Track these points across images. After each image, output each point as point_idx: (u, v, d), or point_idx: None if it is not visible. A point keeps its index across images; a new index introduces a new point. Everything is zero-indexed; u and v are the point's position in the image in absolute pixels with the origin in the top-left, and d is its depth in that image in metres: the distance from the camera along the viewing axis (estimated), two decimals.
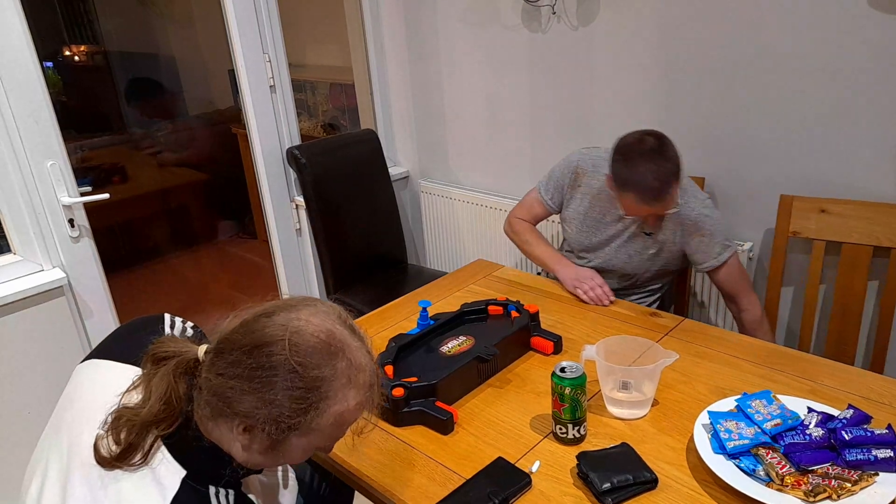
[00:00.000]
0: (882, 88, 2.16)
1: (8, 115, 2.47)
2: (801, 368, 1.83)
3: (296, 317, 1.13)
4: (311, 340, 1.11)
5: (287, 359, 1.08)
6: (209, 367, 1.12)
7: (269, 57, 3.29)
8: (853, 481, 1.34)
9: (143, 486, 1.08)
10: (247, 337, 1.11)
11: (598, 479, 1.42)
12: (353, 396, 1.15)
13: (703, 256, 2.30)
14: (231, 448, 1.16)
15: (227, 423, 1.12)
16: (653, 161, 2.08)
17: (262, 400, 1.08)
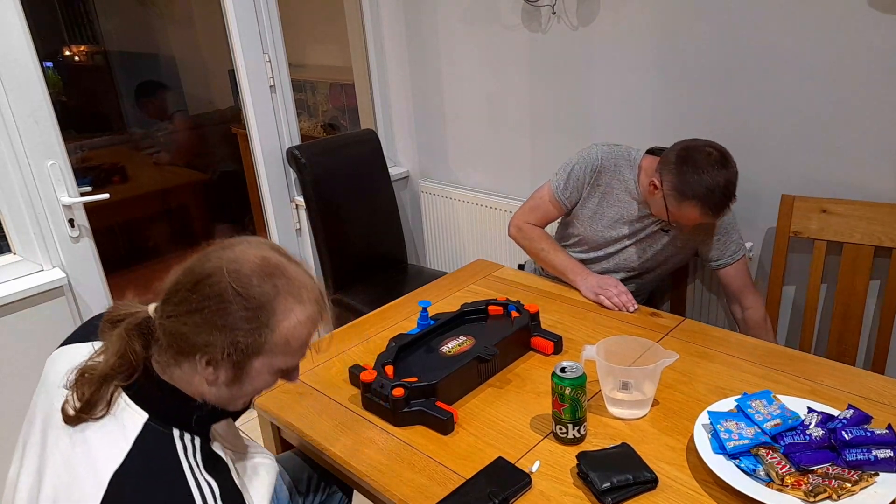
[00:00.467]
0: (883, 88, 2.16)
1: (8, 115, 2.47)
2: (801, 368, 1.83)
3: (230, 251, 1.20)
4: (248, 265, 1.18)
5: (228, 284, 1.15)
6: (160, 315, 1.18)
7: (269, 57, 3.30)
8: (853, 481, 1.34)
9: (107, 433, 1.14)
10: (188, 277, 1.17)
11: (598, 479, 1.42)
12: (301, 311, 1.21)
13: (719, 254, 2.35)
14: (200, 389, 1.22)
15: (190, 362, 1.18)
16: (721, 174, 2.05)
17: (216, 327, 1.14)
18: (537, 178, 3.23)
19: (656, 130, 2.74)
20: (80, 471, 1.12)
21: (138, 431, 1.14)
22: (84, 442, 1.14)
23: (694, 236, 2.34)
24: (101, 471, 1.10)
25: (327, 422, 1.74)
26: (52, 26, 3.98)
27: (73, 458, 1.13)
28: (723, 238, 2.32)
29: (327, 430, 1.71)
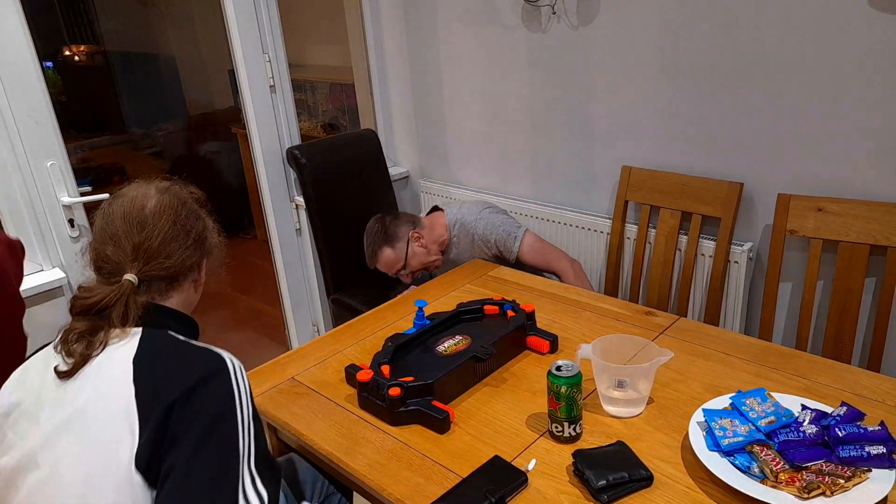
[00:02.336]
0: (881, 88, 2.16)
1: (8, 115, 2.48)
2: (794, 366, 1.83)
3: (155, 186, 1.42)
4: (176, 191, 1.44)
5: (192, 201, 1.45)
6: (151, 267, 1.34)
7: (269, 57, 3.30)
8: (846, 478, 1.34)
9: (113, 349, 1.26)
10: (160, 217, 1.36)
11: (594, 477, 1.42)
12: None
13: (507, 253, 2.85)
14: (192, 300, 1.47)
15: (189, 279, 1.42)
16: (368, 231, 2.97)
17: (202, 237, 1.43)
18: (537, 178, 3.24)
19: (656, 130, 2.74)
20: (102, 373, 1.24)
21: (140, 334, 1.29)
22: (98, 361, 1.25)
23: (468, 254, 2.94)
24: (121, 364, 1.23)
25: (324, 422, 1.75)
26: (52, 26, 3.98)
27: (95, 368, 1.25)
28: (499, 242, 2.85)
29: (324, 430, 1.71)
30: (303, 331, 3.85)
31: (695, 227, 2.65)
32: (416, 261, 2.91)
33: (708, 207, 2.60)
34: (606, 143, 2.92)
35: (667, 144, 2.73)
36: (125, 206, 1.36)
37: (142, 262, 1.33)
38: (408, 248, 2.89)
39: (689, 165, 2.68)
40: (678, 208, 2.68)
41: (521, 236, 2.85)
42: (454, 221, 2.96)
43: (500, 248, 2.86)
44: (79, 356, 1.24)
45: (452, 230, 2.95)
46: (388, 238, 2.89)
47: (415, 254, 2.90)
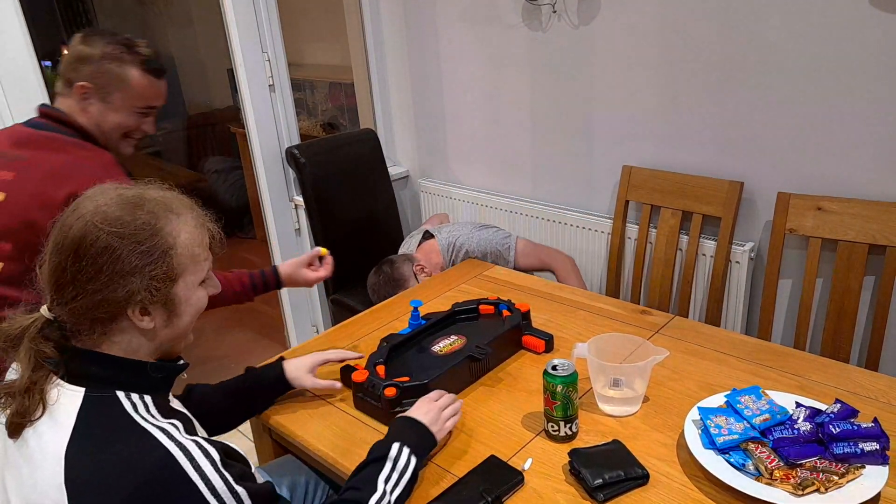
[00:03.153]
0: (881, 87, 2.16)
1: (6, 115, 2.48)
2: (789, 364, 1.84)
3: (82, 209, 1.17)
4: (111, 209, 1.16)
5: (106, 234, 1.13)
6: (59, 305, 1.16)
7: (269, 56, 3.31)
8: (840, 474, 1.35)
9: (52, 422, 1.13)
10: (63, 254, 1.14)
11: (590, 476, 1.42)
12: (186, 221, 1.24)
13: (504, 264, 2.88)
14: (141, 345, 1.23)
15: (121, 323, 1.18)
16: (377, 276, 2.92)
17: (126, 275, 1.15)
18: (538, 178, 3.24)
19: (656, 129, 2.74)
20: (37, 462, 1.11)
21: (79, 405, 1.13)
22: (35, 437, 1.13)
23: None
24: (55, 452, 1.09)
25: (319, 423, 1.75)
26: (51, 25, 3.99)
27: (29, 456, 1.13)
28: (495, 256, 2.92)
29: (319, 431, 1.72)
30: (302, 331, 3.86)
31: (695, 226, 2.65)
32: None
33: (709, 207, 2.60)
34: (607, 143, 2.91)
35: (667, 143, 2.73)
36: (63, 215, 1.19)
37: (52, 296, 1.18)
38: (418, 281, 2.85)
39: (690, 165, 2.68)
40: (679, 208, 2.68)
41: (513, 245, 2.94)
42: (447, 245, 2.99)
43: (496, 260, 2.90)
44: (10, 425, 1.14)
45: (447, 253, 2.98)
46: (397, 283, 2.85)
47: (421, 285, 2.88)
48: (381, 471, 1.40)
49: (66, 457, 1.08)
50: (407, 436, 1.49)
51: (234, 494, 1.12)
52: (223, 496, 1.10)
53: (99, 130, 1.90)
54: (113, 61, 1.83)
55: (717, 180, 2.57)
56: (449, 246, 2.97)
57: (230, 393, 1.75)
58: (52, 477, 1.07)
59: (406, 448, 1.45)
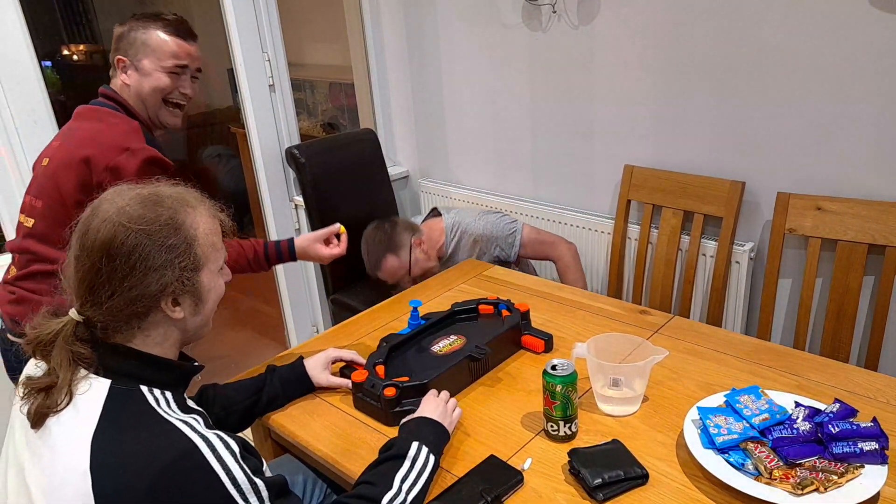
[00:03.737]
0: (880, 87, 2.16)
1: (6, 115, 2.48)
2: (788, 364, 1.84)
3: (104, 212, 1.21)
4: (134, 209, 1.21)
5: (135, 233, 1.19)
6: (91, 307, 1.20)
7: (269, 56, 3.31)
8: (839, 474, 1.35)
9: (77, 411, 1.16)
10: (93, 257, 1.18)
11: (590, 475, 1.42)
12: (201, 213, 1.30)
13: (509, 249, 2.88)
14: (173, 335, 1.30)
15: (156, 315, 1.24)
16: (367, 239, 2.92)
17: (157, 269, 1.20)
18: (538, 178, 3.24)
19: (657, 129, 2.74)
20: (61, 450, 1.13)
21: (105, 396, 1.17)
22: (58, 425, 1.15)
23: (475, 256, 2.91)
24: (81, 439, 1.11)
25: (318, 423, 1.75)
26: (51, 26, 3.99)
27: (52, 444, 1.14)
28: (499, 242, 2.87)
29: (318, 431, 1.72)
30: (302, 331, 3.86)
31: (697, 226, 2.65)
32: (419, 267, 2.89)
33: (710, 207, 2.60)
34: (608, 143, 2.92)
35: (668, 143, 2.73)
36: (83, 221, 1.23)
37: (83, 299, 1.21)
38: (411, 255, 2.86)
39: (691, 164, 2.68)
40: (680, 208, 2.68)
41: (519, 230, 2.88)
42: (452, 225, 2.94)
43: (501, 245, 2.87)
44: (34, 415, 1.16)
45: (450, 234, 2.93)
46: (392, 246, 2.85)
47: (417, 260, 2.88)
48: (398, 469, 1.41)
49: (92, 444, 1.10)
50: (425, 435, 1.51)
51: (254, 485, 1.15)
52: (243, 487, 1.13)
53: (141, 102, 2.01)
54: (138, 30, 1.95)
55: (718, 180, 2.58)
56: (454, 226, 2.94)
57: (255, 391, 1.79)
58: (77, 463, 1.09)
59: (425, 448, 1.46)
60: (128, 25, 1.97)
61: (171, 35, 1.98)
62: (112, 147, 1.82)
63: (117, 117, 1.96)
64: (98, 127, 1.92)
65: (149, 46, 1.96)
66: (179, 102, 2.09)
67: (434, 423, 1.56)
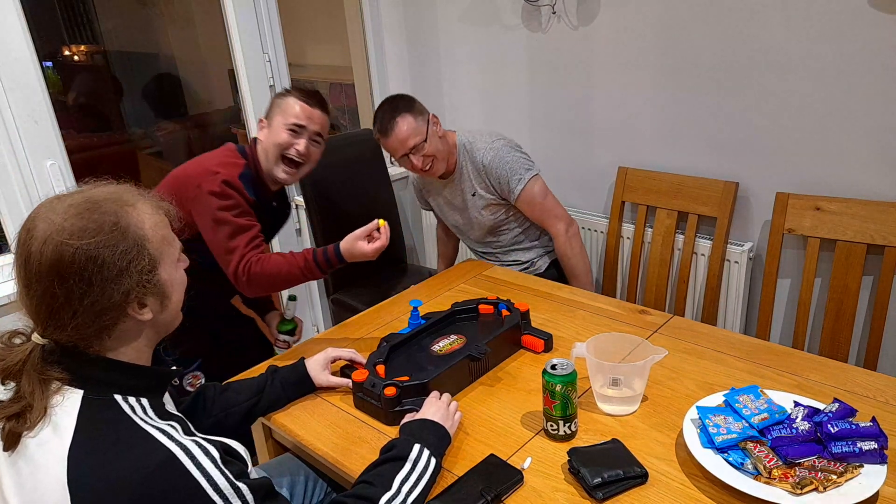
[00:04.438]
0: (878, 87, 2.17)
1: (7, 115, 2.48)
2: (787, 364, 1.84)
3: (39, 231, 1.14)
4: (71, 222, 1.14)
5: (78, 249, 1.12)
6: (58, 331, 1.16)
7: (269, 57, 3.31)
8: (839, 473, 1.35)
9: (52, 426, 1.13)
10: (45, 281, 1.13)
11: (590, 475, 1.43)
12: (143, 209, 1.25)
13: (506, 195, 2.67)
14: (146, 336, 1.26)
15: (125, 322, 1.20)
16: (379, 107, 2.60)
17: (114, 280, 1.15)
18: None
19: (652, 130, 2.75)
20: (38, 463, 1.11)
21: (78, 408, 1.14)
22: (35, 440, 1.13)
23: (478, 188, 2.71)
24: (57, 453, 1.09)
25: (319, 422, 1.75)
26: (52, 26, 3.99)
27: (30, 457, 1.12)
28: (502, 177, 2.63)
29: (319, 431, 1.72)
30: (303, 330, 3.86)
31: (691, 226, 2.65)
32: (433, 146, 2.58)
33: (704, 207, 2.61)
34: (603, 144, 2.92)
35: (663, 145, 2.74)
36: (21, 246, 1.16)
37: (45, 324, 1.17)
38: (428, 126, 2.58)
39: (685, 166, 2.68)
40: (674, 208, 2.69)
41: (526, 180, 2.62)
42: (463, 144, 2.71)
43: (500, 186, 2.66)
44: (6, 438, 1.13)
45: (462, 155, 2.71)
46: (410, 107, 2.57)
47: (433, 135, 2.59)
48: (399, 471, 1.41)
49: (68, 458, 1.08)
50: (427, 437, 1.51)
51: (237, 490, 1.13)
52: (226, 492, 1.11)
53: (265, 156, 2.26)
54: (281, 96, 2.26)
55: (711, 181, 2.59)
56: (464, 145, 2.71)
57: (255, 392, 1.79)
58: (54, 477, 1.07)
59: (426, 450, 1.47)
60: (277, 95, 2.28)
61: (299, 99, 2.22)
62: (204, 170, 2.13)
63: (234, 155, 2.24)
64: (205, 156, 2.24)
65: (280, 107, 2.23)
66: (294, 160, 2.25)
67: (436, 426, 1.56)
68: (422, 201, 3.06)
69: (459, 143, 2.71)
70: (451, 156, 2.70)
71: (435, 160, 2.61)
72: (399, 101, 2.57)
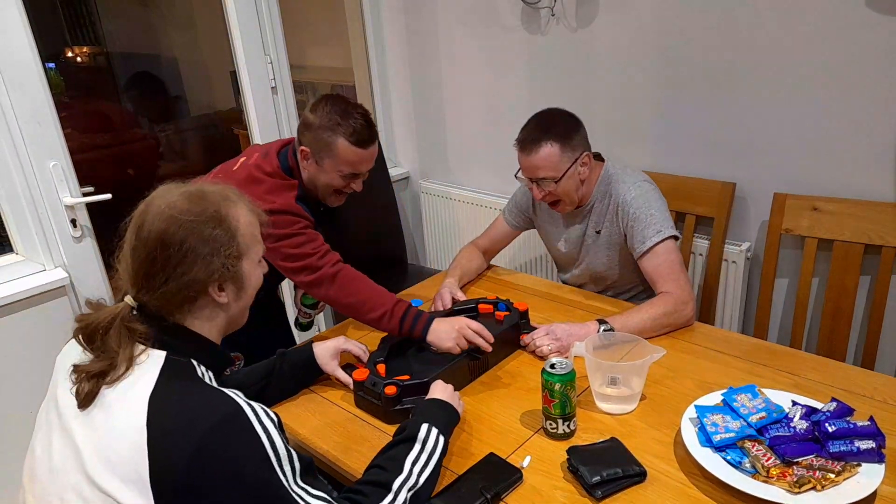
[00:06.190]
0: (875, 88, 2.17)
1: (10, 116, 2.48)
2: (785, 363, 1.85)
3: (155, 207, 1.31)
4: (180, 203, 1.31)
5: (183, 224, 1.28)
6: (149, 293, 1.29)
7: (271, 58, 3.31)
8: (836, 472, 1.35)
9: (135, 377, 1.23)
10: (147, 248, 1.28)
11: (588, 473, 1.43)
12: (241, 208, 1.40)
13: (633, 242, 2.25)
14: (218, 318, 1.39)
15: (204, 299, 1.34)
16: (535, 116, 2.35)
17: (205, 257, 1.30)
18: None
19: (650, 131, 2.75)
20: (117, 409, 1.19)
21: (162, 363, 1.25)
22: (114, 391, 1.22)
23: (612, 227, 2.33)
24: (138, 398, 1.18)
25: (320, 420, 1.77)
26: (55, 27, 3.99)
27: (107, 405, 1.21)
28: (636, 225, 2.23)
29: (320, 429, 1.73)
30: None
31: (689, 226, 2.66)
32: (565, 188, 2.26)
33: (701, 207, 2.61)
34: (601, 145, 2.91)
35: (662, 146, 2.74)
36: (137, 216, 1.32)
37: (139, 286, 1.30)
38: (572, 166, 2.25)
39: (683, 166, 2.69)
40: (672, 209, 2.67)
41: (666, 235, 2.19)
42: (609, 177, 2.35)
43: (633, 232, 2.24)
44: (84, 396, 1.22)
45: (602, 184, 2.35)
46: (566, 137, 2.25)
47: (571, 177, 2.26)
48: (409, 452, 1.45)
49: (149, 402, 1.17)
50: (435, 416, 1.54)
51: (289, 455, 1.24)
52: (280, 454, 1.21)
53: (313, 184, 2.17)
54: (326, 131, 2.05)
55: (709, 181, 2.59)
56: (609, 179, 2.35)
57: (265, 374, 1.85)
58: (134, 419, 1.16)
59: (435, 429, 1.50)
60: (318, 119, 2.06)
61: (354, 145, 2.07)
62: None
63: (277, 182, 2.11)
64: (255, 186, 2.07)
65: (332, 151, 2.07)
66: (346, 192, 2.24)
67: (446, 405, 1.60)
68: (519, 216, 2.64)
69: (604, 173, 2.36)
70: (585, 195, 2.37)
71: (561, 202, 2.32)
72: (557, 125, 2.28)
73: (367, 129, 2.09)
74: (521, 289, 2.44)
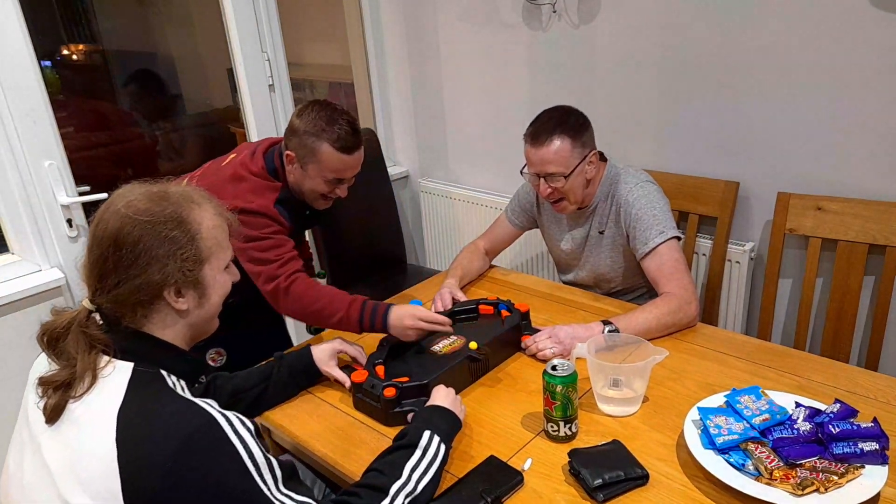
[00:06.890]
0: (880, 87, 2.16)
1: (6, 115, 2.47)
2: (788, 364, 1.84)
3: (115, 206, 1.27)
4: (139, 202, 1.27)
5: (138, 223, 1.24)
6: (102, 295, 1.26)
7: (268, 56, 3.30)
8: (840, 474, 1.35)
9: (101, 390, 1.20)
10: (102, 247, 1.24)
11: (590, 476, 1.42)
12: (206, 210, 1.35)
13: (635, 242, 2.25)
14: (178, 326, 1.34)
15: (159, 304, 1.29)
16: (547, 111, 2.31)
17: (160, 259, 1.25)
18: None
19: (653, 130, 2.74)
20: (85, 425, 1.16)
21: (129, 375, 1.21)
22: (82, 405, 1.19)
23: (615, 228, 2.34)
24: (106, 413, 1.15)
25: (318, 423, 1.76)
26: (50, 25, 3.98)
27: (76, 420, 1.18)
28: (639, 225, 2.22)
29: (318, 432, 1.72)
30: (302, 330, 3.85)
31: (692, 226, 2.65)
32: (572, 185, 2.26)
33: (705, 207, 2.60)
34: (604, 143, 2.90)
35: (665, 144, 2.73)
36: (97, 215, 1.29)
37: (94, 287, 1.27)
38: (581, 163, 2.25)
39: (686, 165, 2.68)
40: (675, 208, 2.67)
41: (669, 235, 2.18)
42: (612, 177, 2.35)
43: (636, 233, 2.23)
44: (51, 410, 1.19)
45: (604, 184, 2.34)
46: (577, 132, 2.24)
47: (579, 174, 2.26)
48: (409, 458, 1.43)
49: (118, 416, 1.14)
50: (437, 424, 1.53)
51: (269, 463, 1.21)
52: (259, 462, 1.18)
53: (298, 187, 2.16)
54: (312, 136, 2.06)
55: (712, 180, 2.58)
56: (612, 179, 2.35)
57: (263, 378, 1.83)
58: (102, 436, 1.13)
59: (437, 437, 1.48)
60: (304, 124, 2.07)
61: (339, 151, 2.07)
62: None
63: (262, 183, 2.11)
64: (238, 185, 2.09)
65: (316, 157, 2.07)
66: (332, 197, 2.21)
67: (448, 412, 1.58)
68: (522, 215, 2.63)
69: (607, 174, 2.36)
70: (588, 196, 2.36)
71: (566, 201, 2.31)
72: (569, 120, 2.26)
73: (353, 135, 2.08)
74: (523, 289, 2.43)
